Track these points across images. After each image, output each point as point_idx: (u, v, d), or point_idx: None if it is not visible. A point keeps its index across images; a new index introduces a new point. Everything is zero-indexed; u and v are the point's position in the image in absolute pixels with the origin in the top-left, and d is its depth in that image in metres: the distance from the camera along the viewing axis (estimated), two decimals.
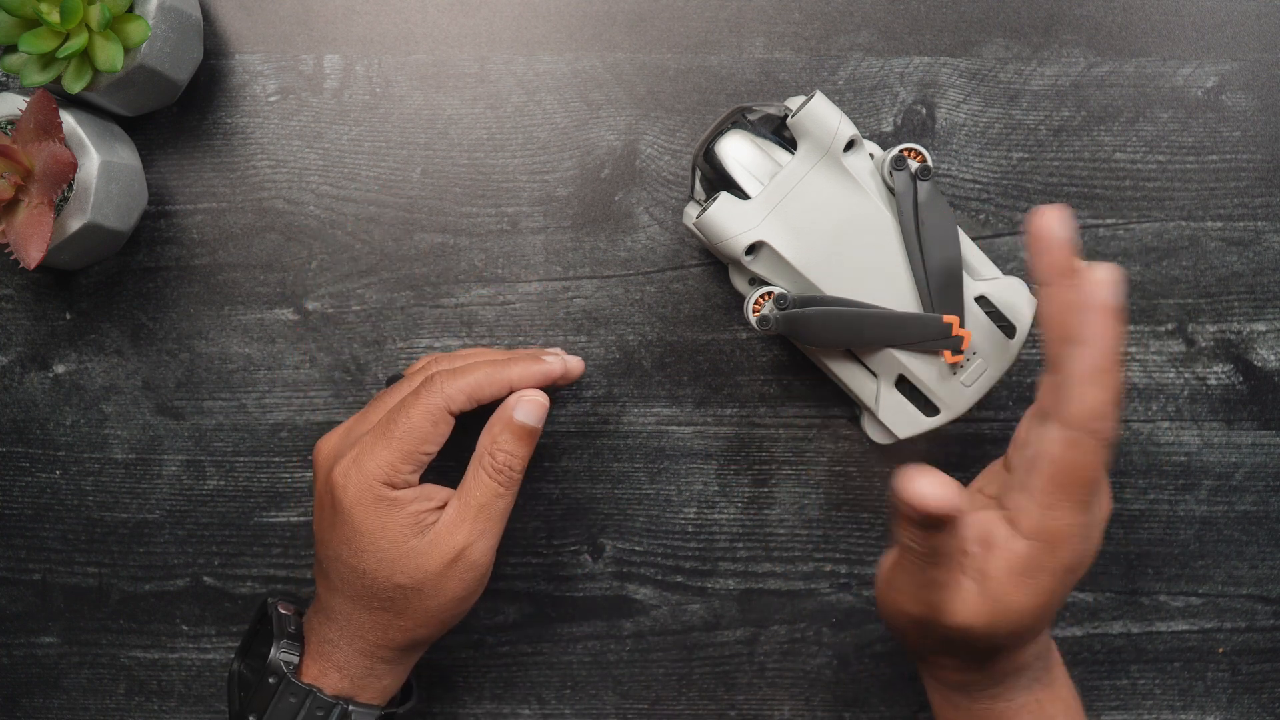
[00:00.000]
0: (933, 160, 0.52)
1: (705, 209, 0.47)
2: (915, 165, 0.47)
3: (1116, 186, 0.54)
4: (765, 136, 0.48)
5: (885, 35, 0.53)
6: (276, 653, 0.45)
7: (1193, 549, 0.54)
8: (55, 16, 0.46)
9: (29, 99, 0.47)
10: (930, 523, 0.36)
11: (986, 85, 0.53)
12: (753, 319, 0.47)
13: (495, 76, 0.53)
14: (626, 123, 0.53)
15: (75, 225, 0.48)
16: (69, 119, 0.48)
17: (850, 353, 0.49)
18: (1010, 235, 0.53)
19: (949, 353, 0.47)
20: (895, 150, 0.47)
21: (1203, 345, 0.54)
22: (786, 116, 0.47)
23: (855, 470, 0.54)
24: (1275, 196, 0.53)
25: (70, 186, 0.48)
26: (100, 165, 0.48)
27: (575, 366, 0.48)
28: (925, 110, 0.53)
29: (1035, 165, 0.53)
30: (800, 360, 0.54)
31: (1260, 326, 0.54)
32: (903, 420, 0.49)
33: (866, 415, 0.51)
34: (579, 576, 0.55)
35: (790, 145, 0.48)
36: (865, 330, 0.47)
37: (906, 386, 0.49)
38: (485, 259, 0.54)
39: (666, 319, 0.54)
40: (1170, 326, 0.53)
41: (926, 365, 0.48)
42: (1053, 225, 0.38)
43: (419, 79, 0.53)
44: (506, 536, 0.54)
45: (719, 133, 0.48)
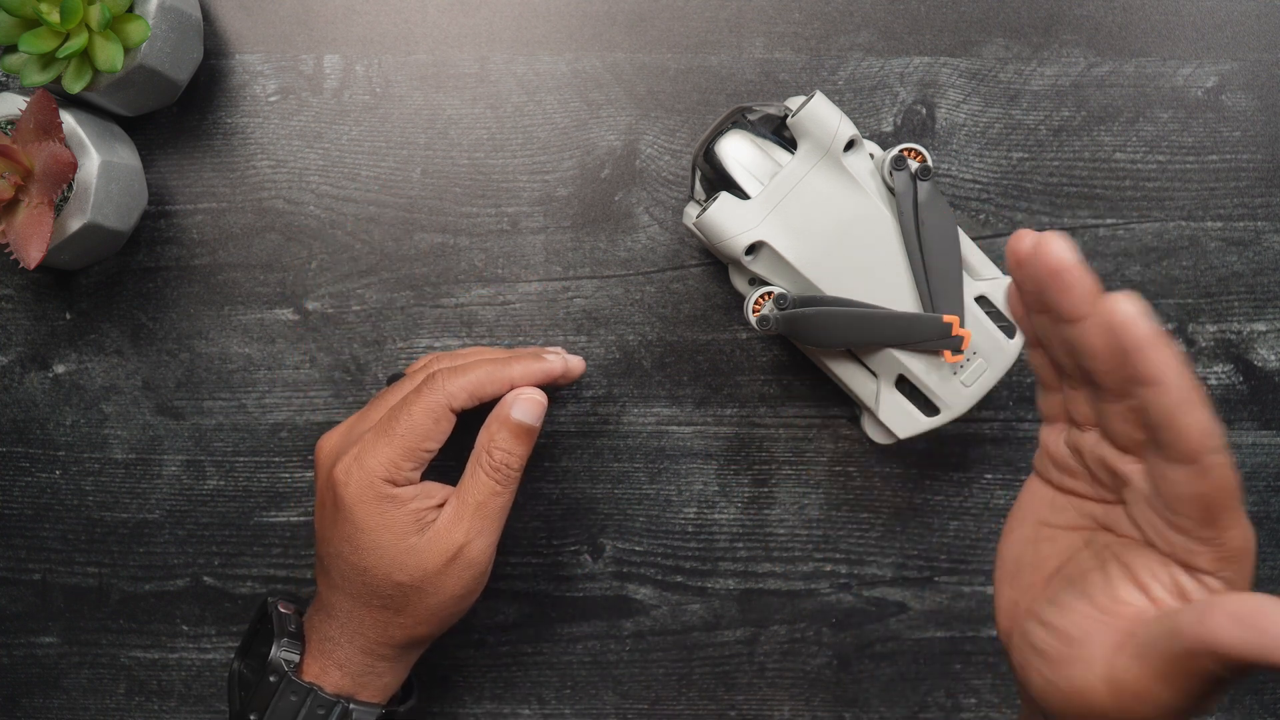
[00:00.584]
0: (933, 160, 0.52)
1: (705, 209, 0.47)
2: (915, 165, 0.47)
3: (1116, 186, 0.54)
4: (765, 136, 0.48)
5: (885, 35, 0.53)
6: (277, 651, 0.45)
7: None
8: (55, 16, 0.46)
9: (29, 99, 0.47)
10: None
11: (986, 85, 0.53)
12: (753, 319, 0.47)
13: (495, 76, 0.53)
14: (626, 123, 0.53)
15: (75, 225, 0.48)
16: (69, 119, 0.48)
17: (850, 353, 0.49)
18: (1010, 235, 0.53)
19: (949, 353, 0.47)
20: (895, 150, 0.47)
21: (1203, 345, 0.54)
22: (786, 116, 0.47)
23: (855, 470, 0.54)
24: (1275, 196, 0.53)
25: (70, 186, 0.48)
26: (100, 165, 0.48)
27: (576, 366, 0.48)
28: (925, 110, 0.53)
29: (1035, 165, 0.53)
30: (800, 360, 0.54)
31: (1260, 326, 0.54)
32: (903, 420, 0.49)
33: (866, 415, 0.51)
34: (579, 576, 0.55)
35: (790, 145, 0.47)
36: (865, 330, 0.47)
37: (906, 386, 0.49)
38: (485, 259, 0.54)
39: (666, 319, 0.54)
40: (1170, 327, 0.53)
41: (926, 365, 0.48)
42: (1065, 255, 0.33)
43: (419, 79, 0.53)
44: (507, 536, 0.54)
45: (719, 133, 0.48)
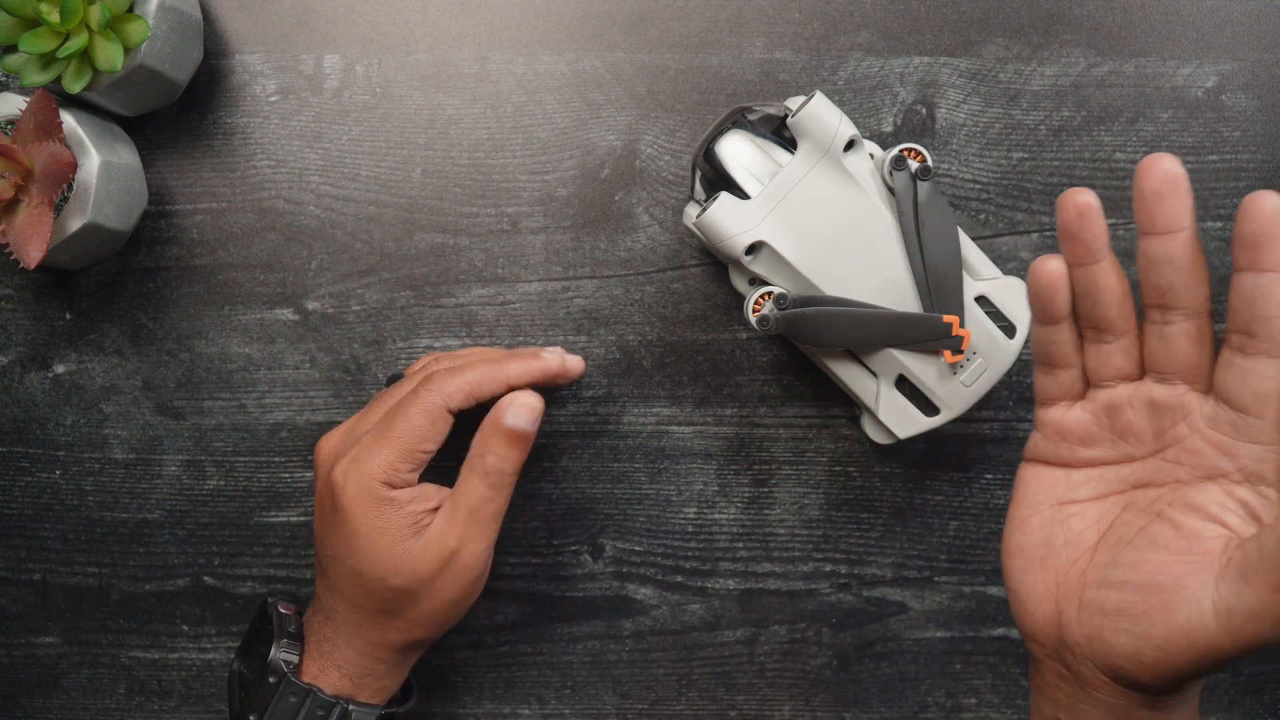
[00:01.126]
0: (933, 160, 0.52)
1: (705, 209, 0.47)
2: (915, 165, 0.47)
3: (1116, 186, 0.54)
4: (765, 136, 0.48)
5: (885, 35, 0.53)
6: (277, 652, 0.45)
7: None
8: (55, 16, 0.46)
9: (29, 99, 0.47)
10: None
11: (986, 85, 0.53)
12: (753, 319, 0.47)
13: (495, 76, 0.53)
14: (626, 123, 0.53)
15: (75, 225, 0.48)
16: (69, 119, 0.48)
17: (850, 353, 0.49)
18: (1010, 235, 0.53)
19: (949, 353, 0.47)
20: (895, 150, 0.47)
21: None
22: (786, 116, 0.47)
23: (855, 470, 0.54)
24: None
25: (70, 186, 0.48)
26: (100, 165, 0.48)
27: (575, 365, 0.48)
28: (925, 110, 0.53)
29: (1035, 165, 0.53)
30: (800, 360, 0.54)
31: None
32: (903, 420, 0.49)
33: (866, 415, 0.51)
34: (579, 576, 0.55)
35: (790, 145, 0.47)
36: (865, 330, 0.47)
37: (906, 386, 0.49)
38: (485, 259, 0.54)
39: (666, 319, 0.54)
40: None
41: (926, 365, 0.48)
42: (1179, 167, 0.33)
43: (419, 79, 0.53)
44: (506, 536, 0.54)
45: (719, 133, 0.48)
